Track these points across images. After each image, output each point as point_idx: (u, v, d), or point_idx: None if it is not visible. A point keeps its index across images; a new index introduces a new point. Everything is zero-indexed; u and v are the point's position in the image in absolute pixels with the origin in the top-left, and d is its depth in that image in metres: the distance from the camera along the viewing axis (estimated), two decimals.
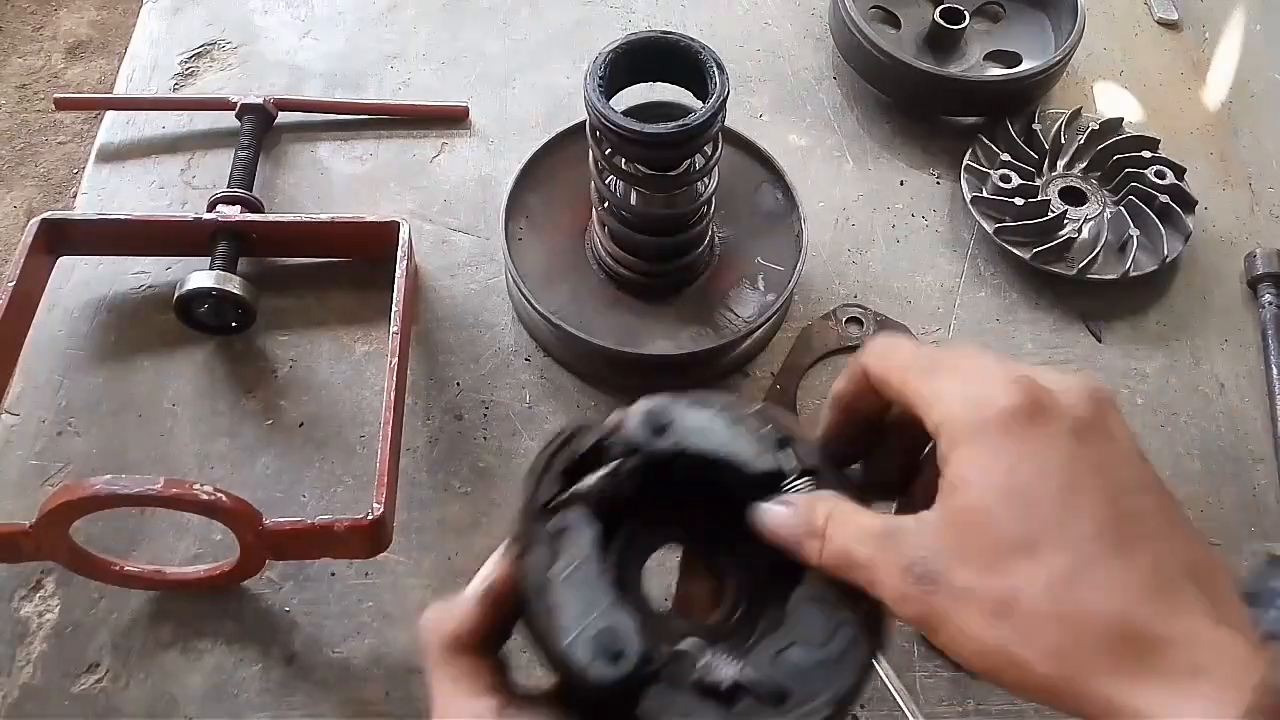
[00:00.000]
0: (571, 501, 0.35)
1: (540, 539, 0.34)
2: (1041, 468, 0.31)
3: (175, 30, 0.91)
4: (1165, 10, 0.98)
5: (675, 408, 0.38)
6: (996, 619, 0.30)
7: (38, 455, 0.67)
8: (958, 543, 0.31)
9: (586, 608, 0.33)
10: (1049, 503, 0.31)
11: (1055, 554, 0.30)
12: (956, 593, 0.31)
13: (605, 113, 0.57)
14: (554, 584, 0.33)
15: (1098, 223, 0.79)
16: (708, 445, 0.37)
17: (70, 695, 0.59)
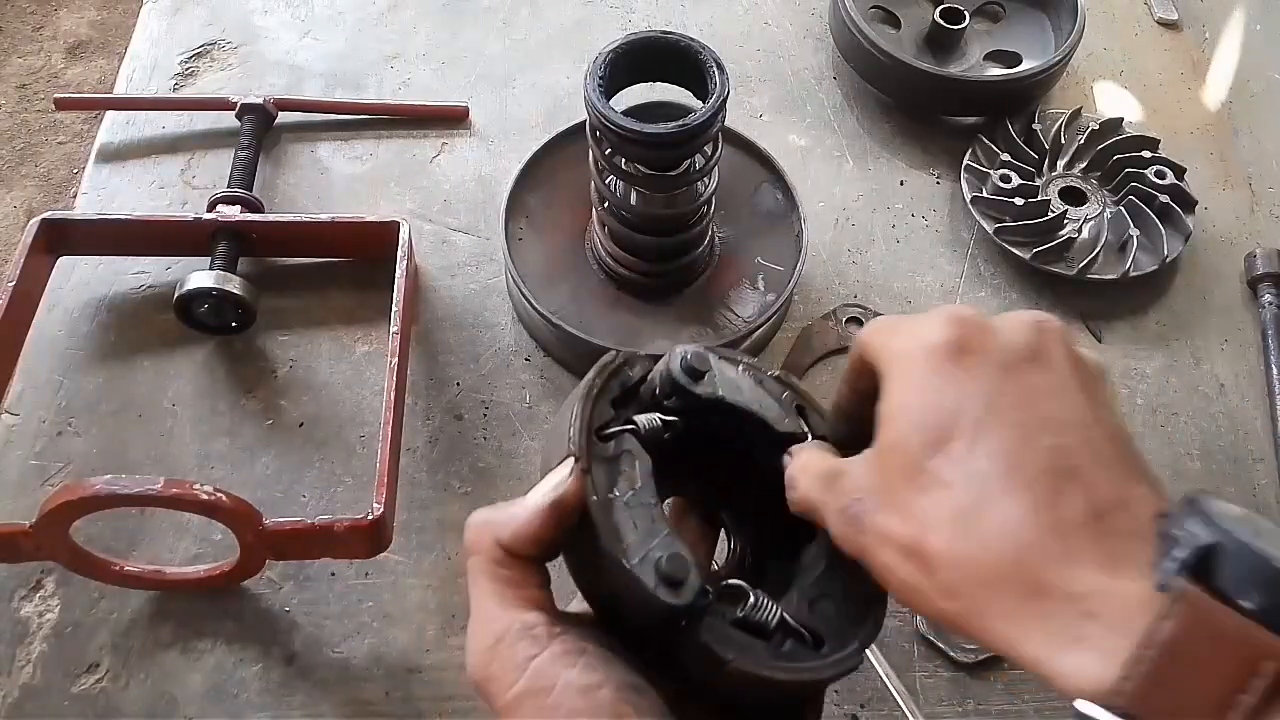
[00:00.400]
0: (626, 432, 0.35)
1: (600, 460, 0.34)
2: (960, 402, 0.31)
3: (175, 30, 0.91)
4: (1165, 10, 0.98)
5: (711, 358, 0.38)
6: (906, 558, 0.31)
7: (38, 455, 0.67)
8: (882, 481, 0.32)
9: (648, 534, 0.33)
10: (962, 438, 0.30)
11: (960, 491, 0.30)
12: (879, 533, 0.32)
13: (605, 113, 0.57)
14: (615, 505, 0.33)
15: (1098, 223, 0.79)
16: (741, 399, 0.38)
17: (70, 695, 0.58)
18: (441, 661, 0.61)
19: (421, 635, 0.62)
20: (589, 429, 0.35)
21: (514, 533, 0.33)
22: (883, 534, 0.32)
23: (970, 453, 0.30)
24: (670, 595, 0.31)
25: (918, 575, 0.30)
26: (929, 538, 0.30)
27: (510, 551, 0.33)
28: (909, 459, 0.31)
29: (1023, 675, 0.61)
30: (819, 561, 0.37)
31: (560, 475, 0.33)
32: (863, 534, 0.32)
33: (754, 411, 0.38)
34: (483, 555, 0.33)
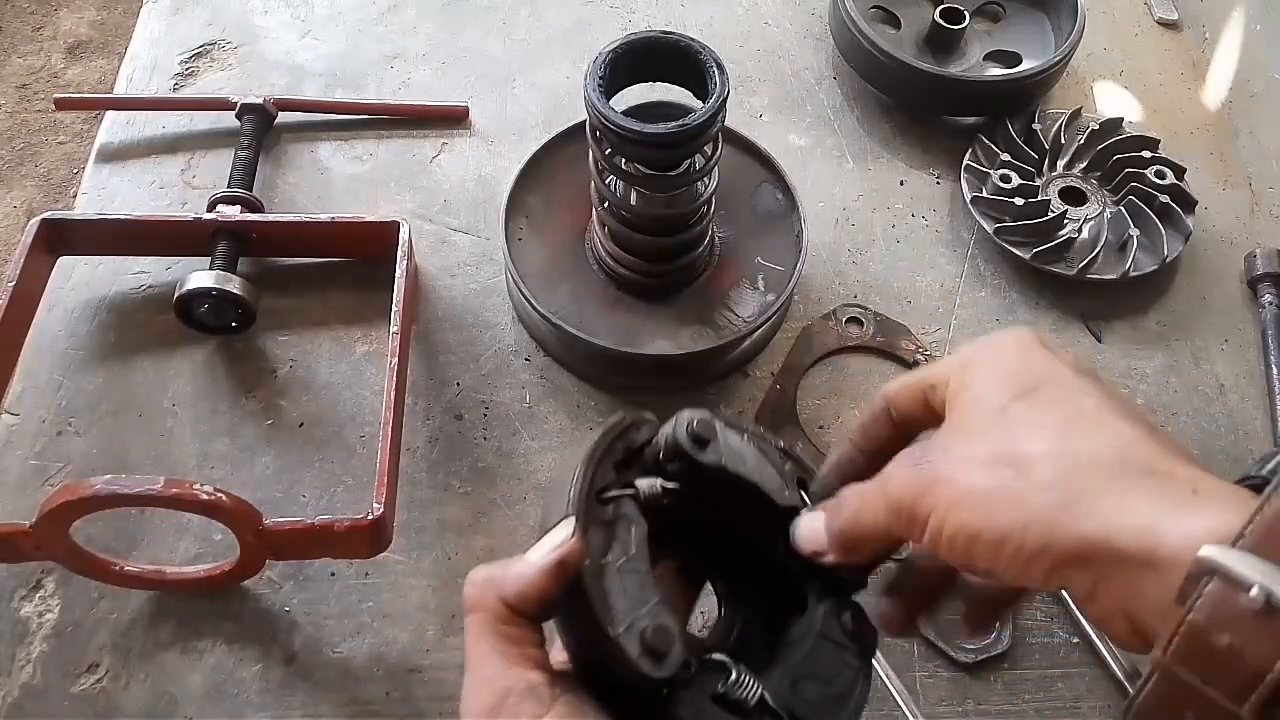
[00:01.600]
0: (625, 496, 0.36)
1: (596, 524, 0.34)
2: (1051, 366, 0.34)
3: (175, 30, 0.91)
4: (1165, 10, 0.98)
5: (717, 425, 0.38)
6: (994, 466, 0.32)
7: (38, 455, 0.67)
8: (960, 427, 0.34)
9: (636, 602, 0.33)
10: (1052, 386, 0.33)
11: (1051, 413, 0.32)
12: (955, 457, 0.33)
13: (605, 113, 0.57)
14: (608, 571, 0.33)
15: (1098, 223, 0.79)
16: (743, 469, 0.38)
17: (70, 695, 0.59)
18: (441, 661, 0.61)
19: (421, 635, 0.62)
20: (589, 491, 0.35)
21: (518, 591, 0.33)
22: (960, 459, 0.33)
23: (1062, 393, 0.33)
24: (652, 667, 0.32)
25: (1007, 477, 0.32)
26: (1024, 444, 0.32)
27: (513, 609, 0.33)
28: (995, 404, 0.34)
29: (1022, 675, 0.61)
30: (805, 639, 0.36)
31: (562, 535, 0.33)
32: (934, 464, 0.34)
33: (756, 484, 0.38)
34: (486, 612, 0.33)
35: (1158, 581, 0.28)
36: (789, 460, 0.40)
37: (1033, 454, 0.32)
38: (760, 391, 0.72)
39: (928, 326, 0.76)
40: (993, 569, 0.32)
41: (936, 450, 0.34)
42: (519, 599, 0.33)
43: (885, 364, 0.74)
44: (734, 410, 0.71)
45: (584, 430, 0.70)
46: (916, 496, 0.34)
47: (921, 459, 0.34)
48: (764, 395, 0.72)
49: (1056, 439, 0.32)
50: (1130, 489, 0.30)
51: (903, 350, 0.74)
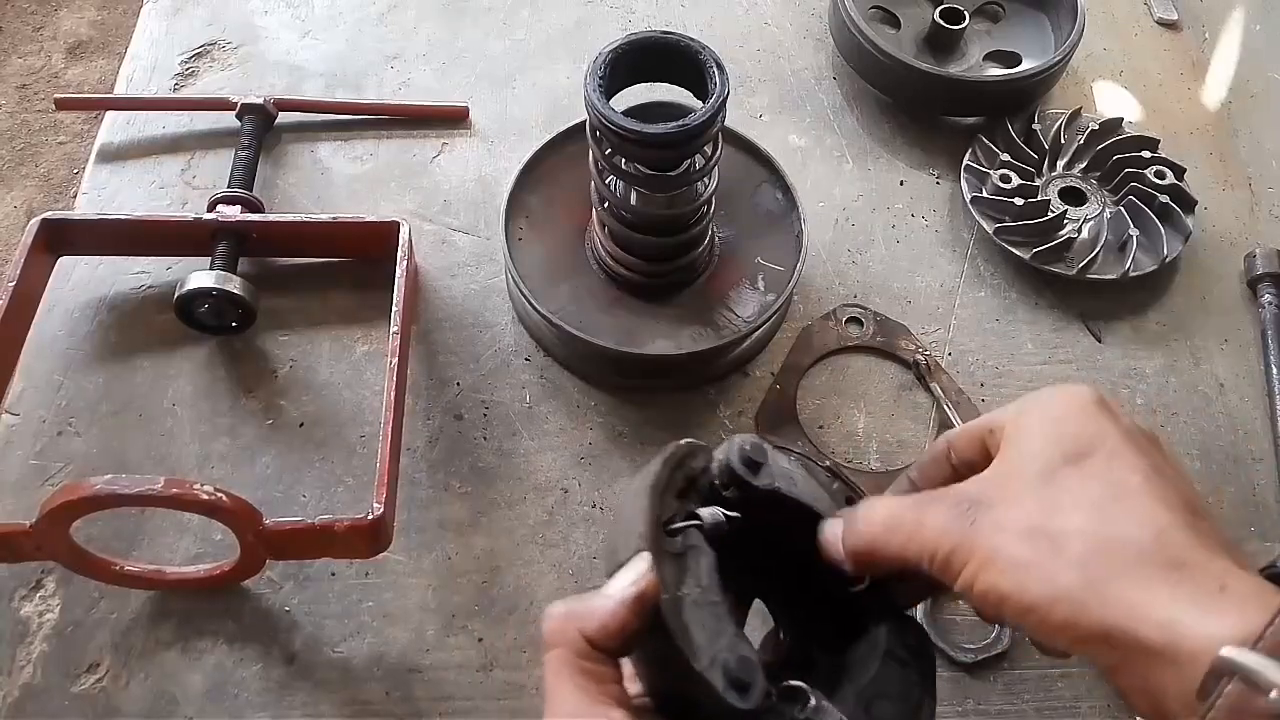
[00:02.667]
0: (690, 525, 0.36)
1: (667, 556, 0.34)
2: (1103, 430, 0.35)
3: (175, 30, 0.91)
4: (1165, 10, 0.98)
5: (766, 448, 0.38)
6: (1028, 538, 0.33)
7: (38, 455, 0.67)
8: (1005, 485, 0.35)
9: (715, 634, 0.33)
10: (1101, 454, 0.34)
11: (1100, 487, 0.33)
12: (997, 518, 0.34)
13: (605, 113, 0.57)
14: (685, 604, 0.33)
15: (1097, 223, 0.79)
16: (795, 491, 0.38)
17: (70, 695, 0.59)
18: (441, 661, 0.61)
19: (421, 635, 0.62)
20: (657, 523, 0.35)
21: (601, 625, 0.33)
22: (1000, 522, 0.34)
23: (1110, 465, 0.34)
24: (739, 699, 0.31)
25: (1042, 551, 0.32)
26: (1062, 518, 0.33)
27: (594, 645, 0.33)
28: (1043, 465, 0.34)
29: (1022, 675, 0.61)
30: (872, 659, 0.36)
31: (638, 569, 0.33)
32: (976, 521, 0.34)
33: (808, 504, 0.38)
34: (566, 648, 0.33)
35: (1179, 674, 0.29)
36: (835, 479, 0.40)
37: (1069, 530, 0.32)
38: (760, 391, 0.72)
39: (928, 326, 0.76)
40: (1020, 627, 0.33)
41: (982, 507, 0.35)
42: (601, 634, 0.33)
43: (885, 364, 0.74)
44: (734, 410, 0.71)
45: (584, 430, 0.70)
46: (953, 548, 0.34)
47: (965, 512, 0.35)
48: (764, 395, 0.72)
49: (1094, 517, 0.32)
50: (1159, 580, 0.31)
51: (903, 350, 0.74)
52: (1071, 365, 0.75)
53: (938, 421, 0.71)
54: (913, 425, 0.71)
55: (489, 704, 0.59)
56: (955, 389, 0.72)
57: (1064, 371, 0.74)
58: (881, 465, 0.69)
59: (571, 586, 0.64)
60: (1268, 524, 0.68)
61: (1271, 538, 0.68)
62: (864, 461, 0.70)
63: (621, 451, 0.69)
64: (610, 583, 0.33)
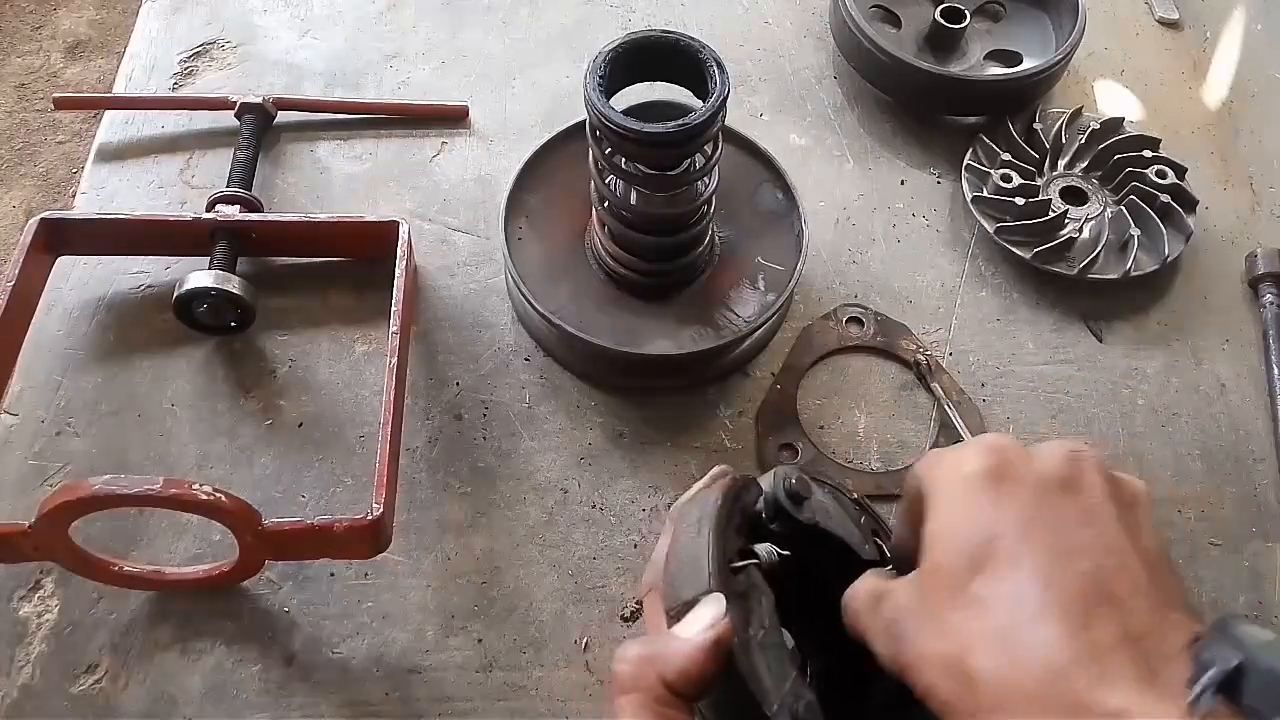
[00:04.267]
0: (750, 563, 0.35)
1: (734, 597, 0.34)
2: (997, 526, 0.32)
3: (174, 29, 0.91)
4: (1166, 9, 0.97)
5: (810, 481, 0.38)
6: (947, 676, 0.31)
7: (37, 455, 0.67)
8: (925, 602, 0.33)
9: (780, 678, 0.32)
10: (1000, 561, 0.31)
11: (1000, 612, 0.31)
12: (920, 652, 0.32)
13: (605, 112, 0.57)
14: (752, 647, 0.33)
15: (1099, 222, 0.79)
16: (831, 525, 0.38)
17: (69, 695, 0.58)
18: (441, 662, 0.61)
19: (421, 635, 0.61)
20: (724, 562, 0.34)
21: (681, 670, 0.32)
22: (924, 653, 0.32)
23: (1008, 576, 0.31)
24: None
25: (959, 692, 0.31)
26: (970, 657, 0.30)
27: (673, 691, 0.32)
28: (952, 580, 0.32)
29: None
30: (884, 698, 0.36)
31: (715, 612, 0.33)
32: (904, 653, 0.33)
33: (843, 538, 0.38)
34: (644, 693, 0.32)
35: None
36: (864, 513, 0.40)
37: (977, 670, 0.30)
38: (760, 391, 0.72)
39: (928, 326, 0.76)
40: None
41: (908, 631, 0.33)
42: (681, 679, 0.32)
43: (886, 364, 0.74)
44: (734, 410, 0.71)
45: (584, 430, 0.70)
46: (891, 661, 0.33)
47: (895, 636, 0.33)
48: (764, 395, 0.72)
49: (995, 654, 0.30)
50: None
51: (903, 350, 0.74)
52: (1072, 365, 0.75)
53: (938, 422, 0.71)
54: (913, 425, 0.71)
55: (488, 704, 0.59)
56: (956, 389, 0.72)
57: (1065, 371, 0.74)
58: (882, 466, 0.69)
59: (571, 586, 0.63)
60: (1269, 524, 0.68)
61: (1273, 538, 0.68)
62: (864, 462, 0.69)
63: (621, 452, 0.69)
64: (684, 625, 0.33)
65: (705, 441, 0.70)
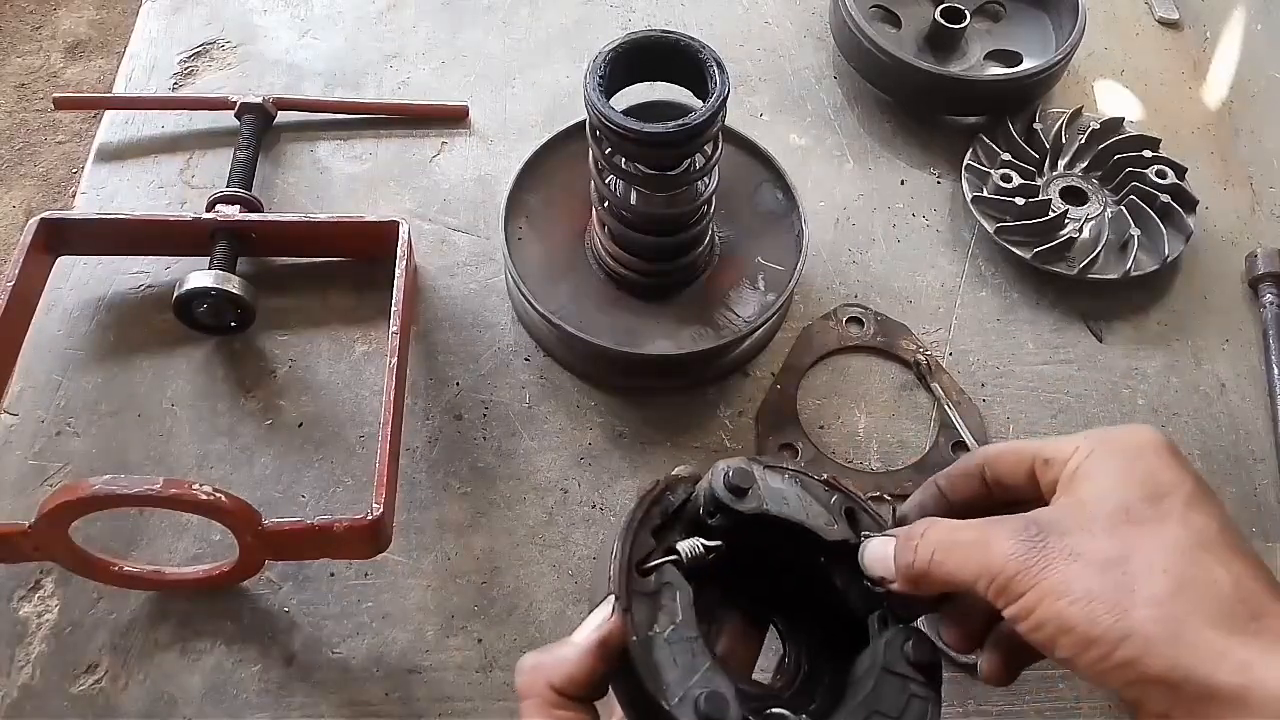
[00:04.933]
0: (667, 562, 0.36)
1: (640, 596, 0.35)
2: (1180, 476, 0.35)
3: (174, 29, 0.91)
4: (1166, 10, 0.97)
5: (755, 470, 0.38)
6: (1106, 571, 0.33)
7: (37, 455, 0.67)
8: (1077, 515, 0.35)
9: (688, 670, 0.33)
10: (1178, 497, 0.34)
11: (1180, 530, 0.33)
12: (1071, 547, 0.33)
13: (605, 112, 0.57)
14: (656, 642, 0.34)
15: (1099, 222, 0.79)
16: (787, 510, 0.38)
17: (69, 695, 0.58)
18: (441, 662, 0.61)
19: (421, 635, 0.61)
20: (629, 565, 0.35)
21: (565, 675, 0.34)
22: (1074, 552, 0.33)
23: (1188, 511, 0.34)
24: None
25: (1117, 586, 0.32)
26: (1142, 556, 0.32)
27: (562, 693, 0.34)
28: (1119, 503, 0.34)
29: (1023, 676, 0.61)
30: (870, 675, 0.36)
31: (602, 615, 0.34)
32: (1045, 547, 0.34)
33: (800, 522, 0.38)
34: (537, 698, 0.34)
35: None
36: (835, 492, 0.40)
37: (1150, 568, 0.32)
38: (760, 391, 0.72)
39: (928, 326, 0.76)
40: (1069, 662, 0.33)
41: (1054, 533, 0.34)
42: (568, 684, 0.34)
43: (886, 364, 0.74)
44: (734, 410, 0.71)
45: (584, 430, 0.70)
46: (1019, 571, 0.34)
47: (1034, 537, 0.34)
48: (764, 395, 0.72)
49: (1175, 559, 0.32)
50: (1238, 628, 0.31)
51: (903, 350, 0.74)
52: (1073, 365, 0.75)
53: (939, 422, 0.71)
54: (913, 425, 0.71)
55: (488, 704, 0.59)
56: (956, 389, 0.72)
57: (1065, 371, 0.74)
58: (882, 465, 0.69)
59: (571, 587, 0.63)
60: (1269, 525, 0.68)
61: (1273, 538, 0.68)
62: (864, 462, 0.69)
63: (621, 452, 0.69)
64: (578, 629, 0.34)
65: (705, 441, 0.70)
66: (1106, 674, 0.32)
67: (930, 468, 0.69)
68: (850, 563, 0.39)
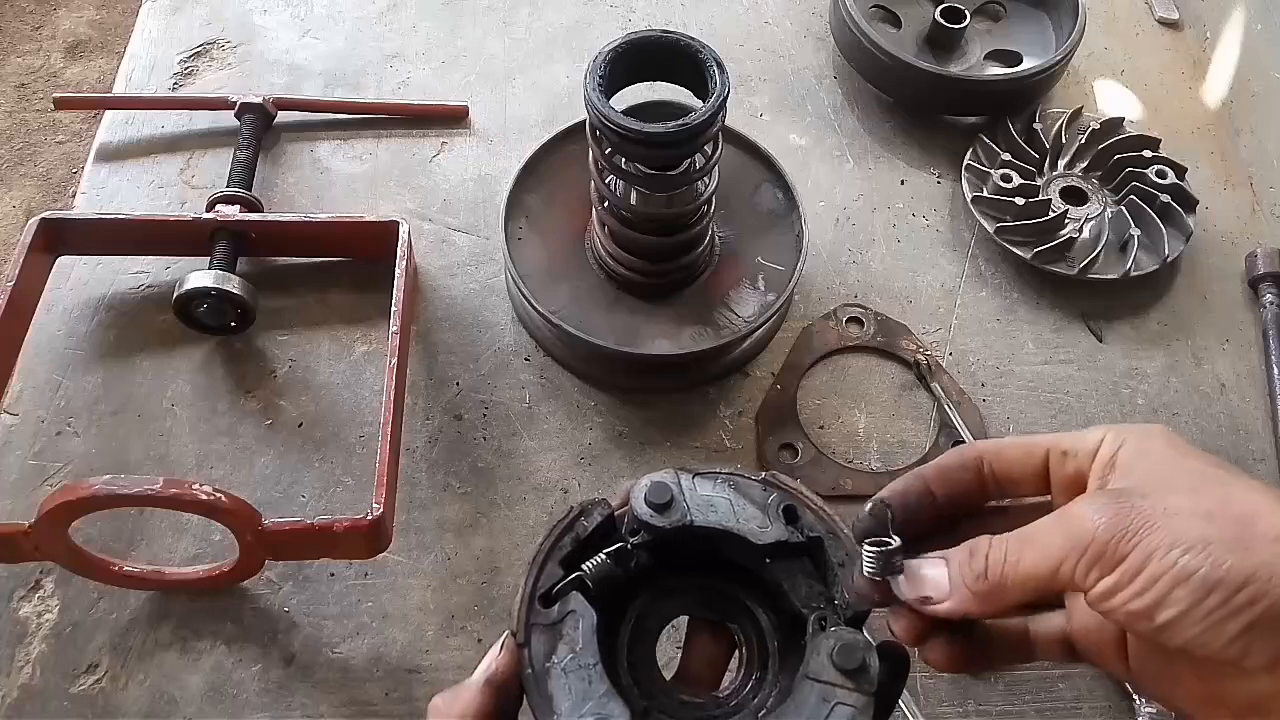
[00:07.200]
0: (573, 587, 0.37)
1: (541, 628, 0.36)
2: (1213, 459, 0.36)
3: (174, 29, 0.91)
4: (1166, 10, 0.97)
5: (681, 482, 0.39)
6: (1212, 519, 0.32)
7: (37, 455, 0.67)
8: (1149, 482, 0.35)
9: (581, 698, 0.34)
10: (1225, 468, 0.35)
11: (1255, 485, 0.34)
12: (1163, 506, 0.33)
13: (605, 112, 0.57)
14: (552, 673, 0.35)
15: (1098, 222, 0.79)
16: (713, 519, 0.38)
17: (69, 695, 0.58)
18: (441, 662, 0.61)
19: (421, 635, 0.61)
20: (531, 598, 0.36)
21: (459, 714, 0.35)
22: (1171, 508, 0.33)
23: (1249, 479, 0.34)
24: None
25: (1233, 527, 0.32)
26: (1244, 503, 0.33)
27: None
28: (1186, 468, 0.35)
29: (1023, 676, 0.61)
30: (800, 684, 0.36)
31: (492, 654, 0.36)
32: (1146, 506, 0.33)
33: (729, 529, 0.38)
34: None
35: None
36: (774, 490, 0.39)
37: (1256, 508, 0.32)
38: (760, 391, 0.72)
39: (928, 326, 0.76)
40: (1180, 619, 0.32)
41: (1136, 496, 0.34)
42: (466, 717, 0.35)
43: (886, 364, 0.74)
44: (734, 410, 0.71)
45: (584, 430, 0.70)
46: (1113, 537, 0.33)
47: (1124, 503, 0.34)
48: (764, 395, 0.72)
49: (1273, 502, 0.33)
50: None
51: (903, 350, 0.74)
52: (1073, 365, 0.75)
53: (939, 422, 0.71)
54: (913, 425, 0.71)
55: None
56: (956, 389, 0.72)
57: (1065, 371, 0.74)
58: (882, 465, 0.69)
59: None
60: None
61: None
62: (864, 462, 0.69)
63: (622, 452, 0.69)
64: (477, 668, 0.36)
65: (705, 441, 0.70)
66: (1223, 622, 0.31)
67: None
68: (789, 563, 0.38)
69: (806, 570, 0.38)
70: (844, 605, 0.37)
